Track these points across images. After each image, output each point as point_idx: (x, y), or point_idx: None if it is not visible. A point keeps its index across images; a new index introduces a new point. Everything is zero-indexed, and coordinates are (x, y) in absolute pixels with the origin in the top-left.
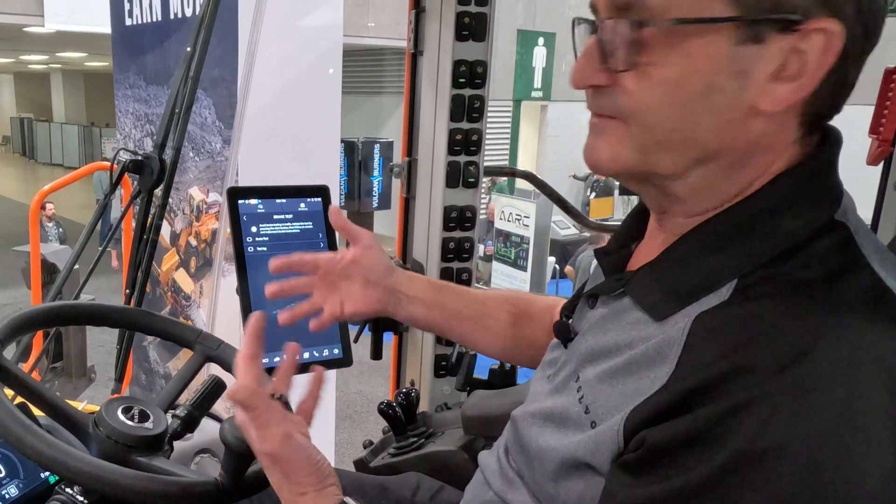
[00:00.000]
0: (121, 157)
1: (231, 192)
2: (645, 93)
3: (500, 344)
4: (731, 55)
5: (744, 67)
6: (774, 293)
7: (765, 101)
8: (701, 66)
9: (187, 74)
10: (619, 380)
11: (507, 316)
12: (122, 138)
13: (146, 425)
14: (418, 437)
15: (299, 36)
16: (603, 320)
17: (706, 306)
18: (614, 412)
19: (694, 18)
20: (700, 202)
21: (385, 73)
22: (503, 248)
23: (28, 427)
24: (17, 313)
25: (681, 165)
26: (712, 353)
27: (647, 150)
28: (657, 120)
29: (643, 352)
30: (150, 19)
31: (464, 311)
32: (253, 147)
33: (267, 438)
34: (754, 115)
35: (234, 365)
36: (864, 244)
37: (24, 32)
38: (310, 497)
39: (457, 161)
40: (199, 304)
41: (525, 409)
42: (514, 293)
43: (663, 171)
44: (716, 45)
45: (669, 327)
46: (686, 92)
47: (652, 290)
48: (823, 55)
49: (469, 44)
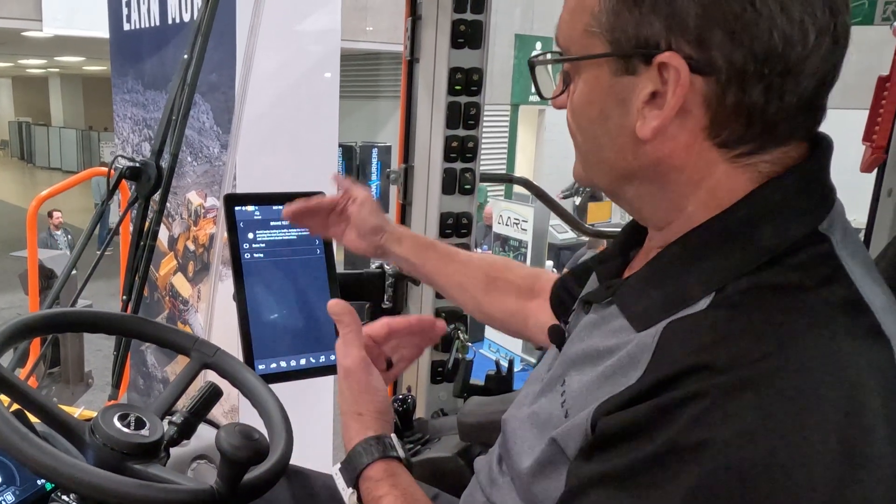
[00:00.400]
0: (118, 163)
1: (227, 198)
2: (568, 118)
3: (472, 302)
4: (612, 85)
5: (623, 96)
6: (747, 302)
7: (641, 128)
8: (594, 95)
9: (184, 81)
10: (596, 385)
11: (483, 277)
12: (120, 143)
13: (142, 432)
14: (415, 444)
15: (297, 40)
16: (591, 325)
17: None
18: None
19: (580, 56)
20: (654, 217)
21: (382, 78)
22: (501, 252)
23: (24, 434)
24: (13, 321)
25: (611, 182)
26: (678, 352)
27: (586, 167)
28: (578, 141)
29: (619, 358)
30: (148, 24)
31: (444, 269)
32: (251, 151)
33: (348, 355)
34: (640, 140)
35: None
36: (846, 257)
37: (23, 37)
38: (365, 419)
39: (453, 168)
40: (196, 309)
41: (513, 412)
42: (499, 259)
43: (602, 186)
44: (600, 76)
45: (646, 336)
46: (588, 117)
47: (636, 301)
48: (675, 85)
49: (465, 51)
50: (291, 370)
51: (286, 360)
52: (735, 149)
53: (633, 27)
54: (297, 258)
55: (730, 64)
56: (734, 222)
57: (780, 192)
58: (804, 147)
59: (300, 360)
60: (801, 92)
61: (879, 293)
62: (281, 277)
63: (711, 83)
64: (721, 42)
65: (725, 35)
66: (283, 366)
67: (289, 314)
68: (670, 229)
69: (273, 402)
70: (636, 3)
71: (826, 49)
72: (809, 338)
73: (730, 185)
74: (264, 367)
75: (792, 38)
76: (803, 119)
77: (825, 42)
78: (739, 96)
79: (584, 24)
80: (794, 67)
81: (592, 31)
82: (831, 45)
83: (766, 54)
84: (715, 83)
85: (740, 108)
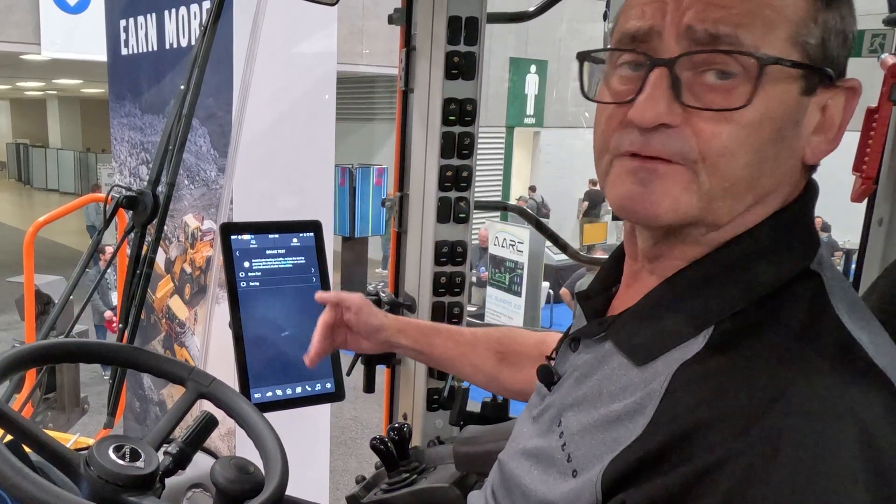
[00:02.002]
0: (115, 193)
1: (224, 228)
2: (724, 136)
3: (487, 380)
4: (796, 103)
5: (799, 117)
6: (747, 344)
7: (808, 153)
8: (776, 112)
9: (181, 112)
10: (601, 429)
11: (494, 355)
12: (117, 166)
13: (137, 464)
14: (410, 473)
15: (293, 63)
16: (586, 366)
17: (686, 354)
18: (595, 462)
19: (787, 60)
20: (704, 248)
21: (378, 101)
22: (497, 274)
23: (18, 469)
24: (9, 352)
25: (735, 213)
26: (685, 405)
27: (712, 198)
28: (733, 165)
29: (624, 402)
30: (145, 49)
31: (452, 352)
32: (247, 173)
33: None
34: (802, 166)
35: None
36: (834, 294)
37: (21, 60)
38: None
39: (447, 197)
40: (193, 331)
41: (509, 450)
42: (504, 332)
43: (720, 220)
44: (789, 92)
45: (650, 376)
46: (762, 137)
47: (633, 335)
48: (845, 111)
49: (459, 82)
50: (287, 398)
51: (282, 389)
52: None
53: (821, 45)
54: (292, 286)
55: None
56: (732, 258)
57: (778, 229)
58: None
59: (296, 389)
60: None
61: (864, 328)
62: (277, 306)
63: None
64: (843, 63)
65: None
66: (279, 394)
67: (285, 342)
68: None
69: (269, 434)
70: (840, 28)
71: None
72: (809, 382)
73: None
74: (260, 396)
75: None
76: None
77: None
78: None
79: (791, 32)
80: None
81: (798, 42)
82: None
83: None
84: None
85: None
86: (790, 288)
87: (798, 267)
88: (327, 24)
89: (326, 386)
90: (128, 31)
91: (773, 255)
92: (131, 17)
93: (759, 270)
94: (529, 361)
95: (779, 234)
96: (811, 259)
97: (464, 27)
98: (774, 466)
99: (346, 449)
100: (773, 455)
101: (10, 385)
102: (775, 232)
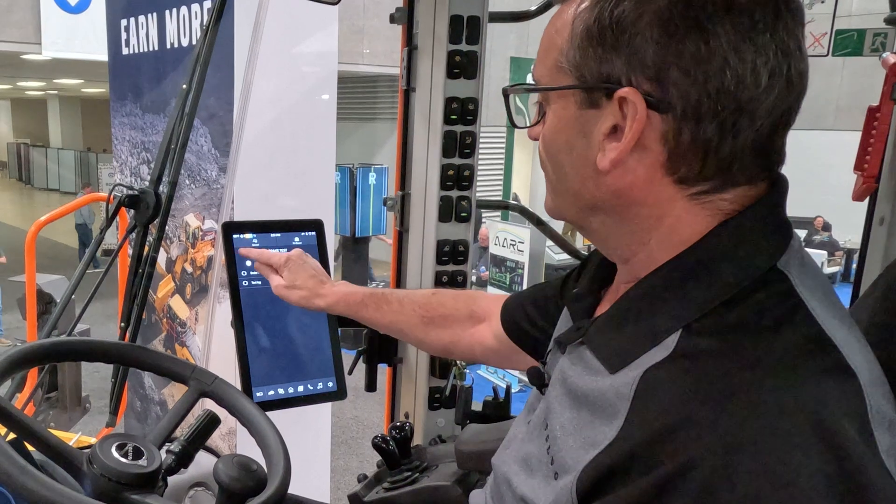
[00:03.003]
0: (117, 191)
1: (226, 226)
2: (540, 146)
3: (416, 342)
4: (577, 117)
5: (587, 129)
6: (712, 348)
7: (601, 159)
8: (561, 126)
9: (183, 111)
10: (579, 431)
11: (419, 320)
12: (118, 165)
13: (140, 462)
14: (412, 471)
15: (294, 63)
16: (568, 369)
17: (654, 358)
18: (572, 465)
19: (548, 87)
20: (619, 249)
21: (379, 100)
22: (498, 274)
23: (21, 466)
24: (12, 351)
25: (577, 213)
26: (652, 411)
27: (554, 198)
28: (547, 171)
29: (598, 405)
30: (146, 49)
31: (381, 321)
32: (248, 173)
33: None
34: (601, 171)
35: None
36: (805, 293)
37: (22, 60)
38: None
39: (449, 196)
40: (194, 331)
41: (502, 454)
42: (429, 295)
43: (570, 217)
44: (567, 108)
45: (622, 381)
46: (555, 147)
47: (606, 341)
48: (633, 119)
49: (460, 81)
50: (289, 397)
51: (284, 388)
52: (693, 186)
53: (597, 63)
54: None
55: (685, 100)
56: (694, 261)
57: (739, 230)
58: (763, 187)
59: (298, 388)
60: (757, 132)
61: (839, 326)
62: (278, 305)
63: (668, 119)
64: (676, 79)
65: (681, 73)
66: (280, 393)
67: (286, 341)
68: (636, 261)
69: (271, 432)
70: (600, 42)
71: (780, 91)
72: (772, 383)
73: (690, 221)
74: (262, 395)
75: (744, 77)
76: (760, 161)
77: (778, 84)
78: (695, 132)
79: (555, 60)
80: (747, 106)
81: (561, 67)
82: (785, 88)
83: (718, 92)
84: (671, 119)
85: (696, 145)
86: (757, 290)
87: (762, 267)
88: (328, 23)
89: (328, 385)
90: (129, 30)
91: (737, 256)
92: (132, 17)
93: (721, 273)
94: (455, 321)
95: (742, 234)
96: (778, 257)
97: (465, 26)
98: (737, 473)
99: (347, 448)
100: (733, 461)
101: (12, 385)
102: (739, 232)
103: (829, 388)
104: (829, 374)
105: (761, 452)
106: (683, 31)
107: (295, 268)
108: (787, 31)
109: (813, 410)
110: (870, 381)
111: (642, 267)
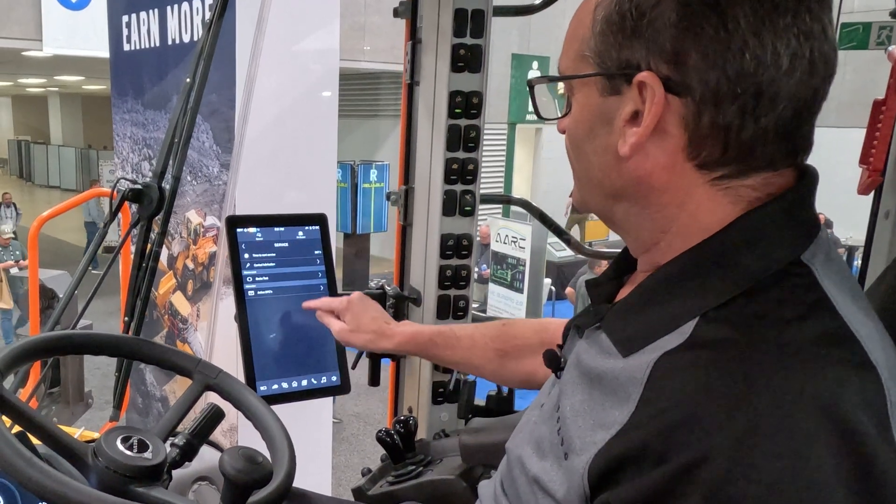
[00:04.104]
0: (120, 185)
1: (230, 220)
2: (566, 138)
3: (492, 377)
4: (600, 104)
5: (609, 116)
6: (729, 338)
7: (622, 145)
8: (584, 114)
9: (186, 105)
10: (589, 412)
11: (494, 353)
12: (119, 162)
13: (145, 455)
14: (416, 466)
15: (296, 60)
16: (583, 351)
17: (670, 344)
18: (582, 449)
19: (571, 75)
20: (640, 238)
21: (381, 97)
22: (499, 271)
23: (27, 458)
24: (16, 344)
25: (601, 202)
26: (666, 400)
27: (580, 189)
28: (573, 161)
29: (610, 387)
30: (148, 45)
31: (451, 359)
32: (250, 169)
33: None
34: (622, 158)
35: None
36: (830, 286)
37: (23, 56)
38: None
39: (453, 190)
40: (196, 328)
41: (516, 438)
42: (500, 328)
43: (594, 207)
44: (590, 97)
45: (635, 365)
46: (579, 136)
47: (623, 326)
48: (651, 103)
49: (465, 75)
50: (293, 391)
51: (288, 382)
52: (715, 171)
53: (618, 50)
54: (298, 279)
55: (704, 84)
56: (715, 250)
57: (764, 220)
58: (790, 176)
59: (302, 382)
60: (779, 117)
61: (865, 321)
62: (282, 299)
63: (688, 103)
64: (696, 63)
65: (699, 56)
66: (284, 387)
67: (290, 335)
68: (657, 250)
69: (276, 425)
70: (620, 28)
71: (802, 74)
72: (790, 375)
73: (712, 208)
74: (266, 389)
75: (764, 60)
76: (783, 146)
77: (800, 66)
78: (714, 116)
79: (577, 49)
80: (767, 89)
81: (584, 56)
82: (808, 71)
83: (738, 75)
84: (691, 103)
85: (716, 129)
86: (779, 281)
87: (786, 259)
88: (329, 20)
89: (332, 379)
90: (130, 26)
91: (760, 246)
92: (133, 13)
93: (742, 263)
94: (530, 351)
95: (765, 224)
96: (802, 250)
97: (470, 19)
98: (752, 467)
99: (348, 445)
100: (748, 454)
101: (15, 380)
102: (763, 222)
103: (849, 382)
104: (849, 367)
105: (777, 446)
106: (702, 14)
107: (357, 311)
108: (810, 15)
109: (830, 403)
110: (891, 377)
111: (663, 255)
